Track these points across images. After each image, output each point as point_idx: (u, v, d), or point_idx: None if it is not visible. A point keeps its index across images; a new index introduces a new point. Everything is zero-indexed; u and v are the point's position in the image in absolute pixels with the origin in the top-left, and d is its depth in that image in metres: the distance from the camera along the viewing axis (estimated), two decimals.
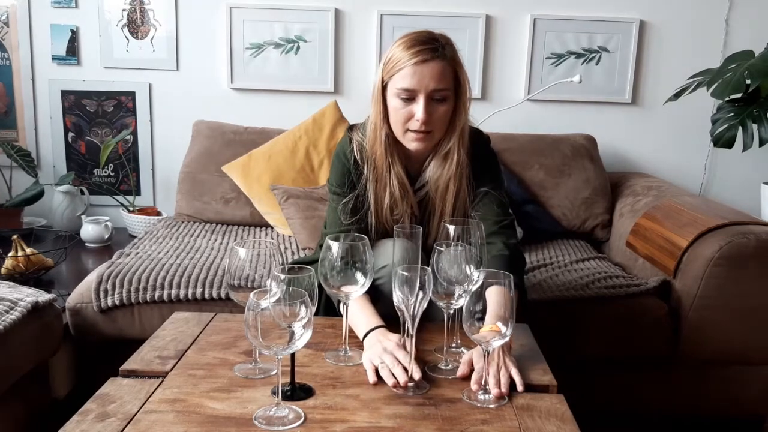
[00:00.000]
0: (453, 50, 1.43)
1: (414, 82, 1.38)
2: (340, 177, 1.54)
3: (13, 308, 1.54)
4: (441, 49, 1.40)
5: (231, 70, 2.70)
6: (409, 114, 1.41)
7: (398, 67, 1.40)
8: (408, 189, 1.51)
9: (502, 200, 1.55)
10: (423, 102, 1.39)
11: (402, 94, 1.40)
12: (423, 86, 1.38)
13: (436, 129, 1.43)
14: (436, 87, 1.38)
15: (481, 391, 1.15)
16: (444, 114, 1.42)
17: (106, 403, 1.10)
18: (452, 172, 1.48)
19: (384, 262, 1.45)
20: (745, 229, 1.82)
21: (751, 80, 2.17)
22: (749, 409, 1.96)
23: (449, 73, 1.40)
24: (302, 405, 1.10)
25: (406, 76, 1.38)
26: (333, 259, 1.21)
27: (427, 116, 1.39)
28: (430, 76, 1.38)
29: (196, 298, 1.81)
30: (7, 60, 2.72)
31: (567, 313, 1.84)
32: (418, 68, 1.38)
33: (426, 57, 1.38)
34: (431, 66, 1.38)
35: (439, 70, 1.38)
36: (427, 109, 1.39)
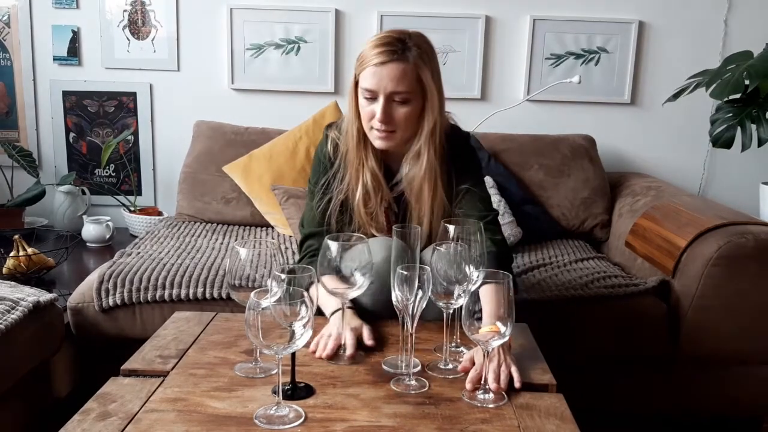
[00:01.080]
0: (420, 52, 1.40)
1: (374, 83, 1.40)
2: (316, 174, 1.58)
3: (14, 308, 1.55)
4: (404, 51, 1.39)
5: (232, 70, 2.71)
6: (372, 112, 1.43)
7: (363, 66, 1.41)
8: (381, 183, 1.52)
9: (484, 196, 1.57)
10: (382, 103, 1.40)
11: (365, 93, 1.42)
12: (382, 87, 1.39)
13: (399, 129, 1.44)
14: (394, 89, 1.39)
15: (481, 391, 1.15)
16: (406, 115, 1.42)
17: (108, 402, 1.10)
18: (423, 172, 1.48)
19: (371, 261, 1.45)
20: (744, 229, 1.83)
21: (750, 81, 2.18)
22: (748, 409, 1.96)
23: (411, 75, 1.39)
24: (303, 404, 1.11)
25: (368, 76, 1.40)
26: (332, 259, 1.22)
27: (385, 117, 1.41)
28: (389, 78, 1.38)
29: (197, 297, 1.81)
30: (8, 60, 2.73)
31: (566, 313, 1.84)
32: (377, 69, 1.39)
33: (385, 59, 1.38)
34: (390, 68, 1.38)
35: (398, 72, 1.38)
36: (385, 109, 1.40)
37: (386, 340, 1.38)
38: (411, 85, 1.40)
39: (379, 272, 1.44)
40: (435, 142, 1.47)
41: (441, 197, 1.51)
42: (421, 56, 1.40)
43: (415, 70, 1.40)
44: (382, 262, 1.44)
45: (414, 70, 1.40)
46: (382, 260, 1.44)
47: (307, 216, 1.60)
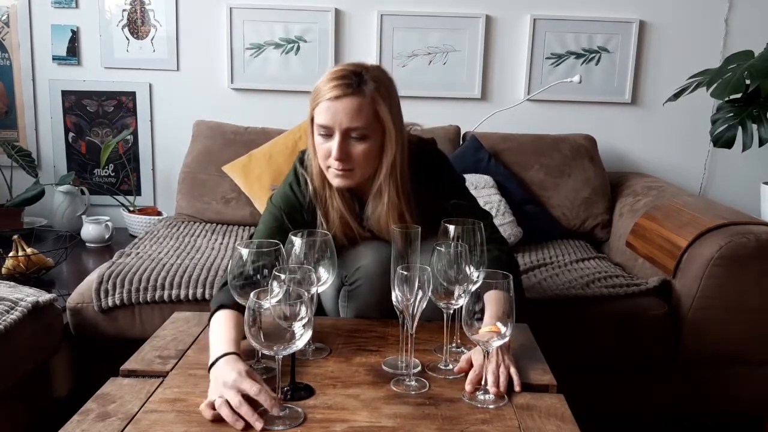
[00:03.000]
0: (377, 86, 1.34)
1: (328, 118, 1.33)
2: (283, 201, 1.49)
3: (13, 308, 1.55)
4: (359, 84, 1.32)
5: (231, 70, 2.70)
6: (327, 150, 1.36)
7: (318, 101, 1.35)
8: (350, 223, 1.47)
9: (471, 206, 1.51)
10: (338, 139, 1.33)
11: (320, 130, 1.36)
12: (337, 123, 1.33)
13: (357, 167, 1.37)
14: (350, 125, 1.32)
15: (481, 391, 1.15)
16: (364, 152, 1.36)
17: (107, 402, 1.10)
18: (386, 210, 1.42)
19: (358, 264, 1.44)
20: (745, 229, 1.82)
21: (751, 80, 2.18)
22: (749, 409, 1.96)
23: (367, 110, 1.33)
24: (302, 405, 1.10)
25: (322, 111, 1.34)
26: (296, 255, 1.21)
27: (341, 154, 1.34)
28: (344, 113, 1.32)
29: (197, 298, 1.81)
30: (7, 60, 2.72)
31: (567, 313, 1.84)
32: (332, 104, 1.32)
33: (340, 93, 1.31)
34: (345, 102, 1.32)
35: (353, 106, 1.32)
36: (341, 146, 1.34)
37: (386, 340, 1.38)
38: (368, 121, 1.33)
39: (368, 274, 1.44)
40: (396, 179, 1.40)
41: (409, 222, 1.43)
42: (378, 90, 1.34)
43: (372, 104, 1.33)
44: (370, 264, 1.44)
45: (371, 104, 1.33)
46: (371, 263, 1.44)
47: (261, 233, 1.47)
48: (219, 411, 1.04)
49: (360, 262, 1.45)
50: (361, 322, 1.47)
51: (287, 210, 1.48)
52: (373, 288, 1.44)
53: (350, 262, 1.46)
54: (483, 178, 2.35)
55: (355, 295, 1.47)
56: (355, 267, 1.45)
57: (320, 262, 1.23)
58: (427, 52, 2.69)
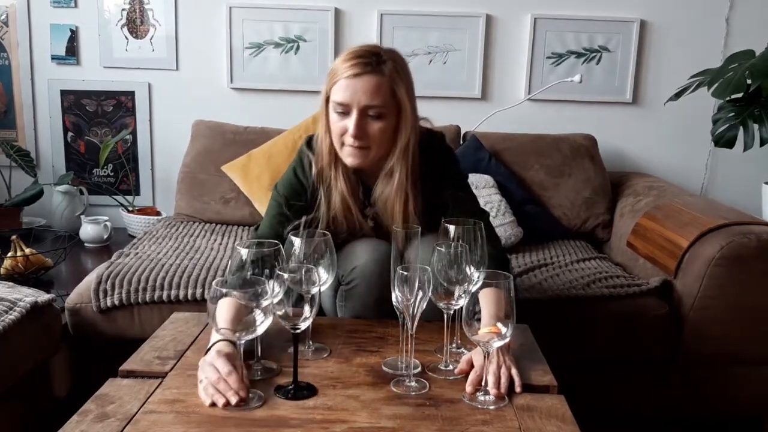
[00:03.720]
0: (395, 67, 1.37)
1: (347, 96, 1.35)
2: (286, 189, 1.53)
3: (12, 308, 1.54)
4: (378, 64, 1.35)
5: (231, 69, 2.70)
6: (344, 128, 1.38)
7: (335, 79, 1.37)
8: (351, 207, 1.48)
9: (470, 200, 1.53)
10: (355, 117, 1.36)
11: (337, 107, 1.38)
12: (355, 101, 1.35)
13: (372, 145, 1.40)
14: (368, 103, 1.35)
15: (482, 392, 1.15)
16: (380, 131, 1.38)
17: (106, 403, 1.09)
18: (394, 191, 1.44)
19: (354, 264, 1.44)
20: (746, 229, 1.82)
21: (752, 80, 2.17)
22: (749, 409, 1.95)
23: (386, 89, 1.36)
24: (302, 405, 1.10)
25: (341, 89, 1.36)
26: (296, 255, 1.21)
27: (358, 131, 1.36)
28: (363, 91, 1.34)
29: (196, 298, 1.80)
30: (6, 60, 2.72)
31: (567, 313, 1.84)
32: (351, 82, 1.35)
33: (359, 71, 1.34)
34: (364, 80, 1.34)
35: (373, 85, 1.34)
36: (359, 124, 1.36)
37: (386, 340, 1.37)
38: (385, 100, 1.36)
39: (364, 273, 1.43)
40: (408, 161, 1.42)
41: (412, 215, 1.45)
42: (396, 70, 1.37)
43: (390, 83, 1.36)
44: (366, 264, 1.43)
45: (389, 83, 1.36)
46: (366, 262, 1.43)
47: (265, 224, 1.54)
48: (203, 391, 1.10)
49: (356, 261, 1.44)
50: (361, 322, 1.47)
51: (289, 195, 1.52)
52: (370, 288, 1.44)
53: (346, 261, 1.46)
54: (483, 178, 2.35)
55: (352, 295, 1.47)
56: (351, 266, 1.45)
57: (320, 263, 1.23)
58: (427, 51, 2.69)
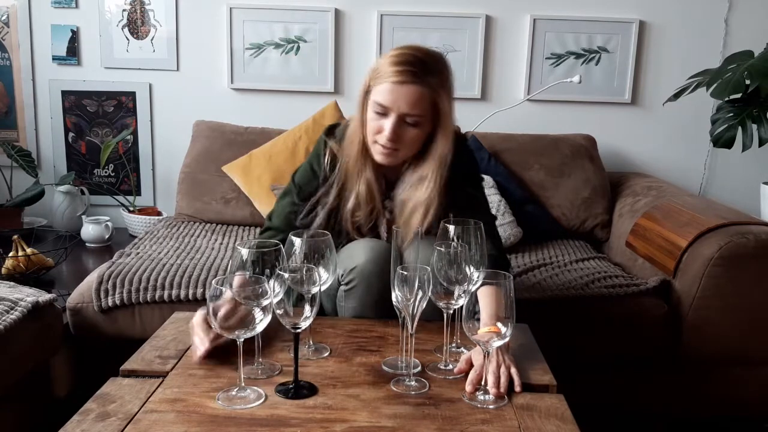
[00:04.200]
0: (441, 79, 1.39)
1: (389, 100, 1.37)
2: (305, 180, 1.57)
3: (13, 308, 1.55)
4: (425, 75, 1.36)
5: (231, 70, 2.70)
6: (379, 128, 1.40)
7: (379, 80, 1.38)
8: (375, 196, 1.50)
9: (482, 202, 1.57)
10: (393, 121, 1.38)
11: (377, 108, 1.39)
12: (396, 107, 1.37)
13: (403, 148, 1.42)
14: (408, 111, 1.37)
15: (481, 391, 1.15)
16: (414, 137, 1.41)
17: (107, 402, 1.10)
18: (419, 201, 1.45)
19: (353, 264, 1.45)
20: (745, 229, 1.82)
21: (751, 80, 2.18)
22: (749, 409, 1.96)
23: (427, 100, 1.37)
24: (302, 404, 1.11)
25: (383, 91, 1.37)
26: (296, 255, 1.22)
27: (393, 135, 1.38)
28: (405, 99, 1.36)
29: (197, 298, 1.81)
30: (7, 60, 2.72)
31: (567, 313, 1.84)
32: (395, 87, 1.36)
33: (405, 79, 1.35)
34: (408, 89, 1.35)
35: (416, 95, 1.36)
36: (395, 129, 1.38)
37: (386, 340, 1.38)
38: (425, 110, 1.38)
39: (363, 273, 1.44)
40: (443, 172, 1.44)
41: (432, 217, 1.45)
42: (441, 82, 1.39)
43: (432, 95, 1.38)
44: (365, 264, 1.44)
45: (431, 95, 1.38)
46: (366, 262, 1.44)
47: (278, 212, 1.58)
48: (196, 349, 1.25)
49: (355, 261, 1.45)
50: (361, 322, 1.47)
51: (303, 184, 1.57)
52: (369, 288, 1.44)
53: (345, 261, 1.46)
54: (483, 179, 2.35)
55: (352, 295, 1.47)
56: (350, 267, 1.45)
57: (320, 262, 1.23)
58: None
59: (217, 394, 1.12)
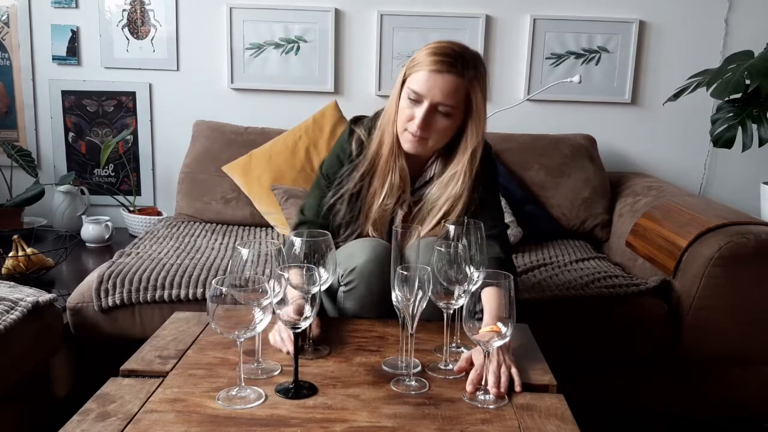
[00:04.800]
0: (477, 73, 1.41)
1: (424, 88, 1.39)
2: (332, 167, 1.59)
3: (13, 308, 1.55)
4: (461, 66, 1.38)
5: (231, 70, 2.70)
6: (411, 115, 1.42)
7: (417, 69, 1.41)
8: (407, 184, 1.53)
9: (497, 207, 1.58)
10: (425, 109, 1.40)
11: (411, 95, 1.41)
12: (430, 95, 1.39)
13: (432, 138, 1.44)
14: (441, 100, 1.39)
15: (481, 391, 1.15)
16: (445, 127, 1.43)
17: (107, 402, 1.10)
18: (452, 194, 1.48)
19: (353, 265, 1.45)
20: (745, 229, 1.82)
21: (751, 80, 2.18)
22: (749, 409, 1.96)
23: (462, 91, 1.40)
24: (302, 404, 1.11)
25: (419, 80, 1.40)
26: (296, 255, 1.22)
27: (424, 123, 1.41)
28: (440, 88, 1.38)
29: (197, 298, 1.81)
30: (7, 60, 2.72)
31: (567, 313, 1.84)
32: (432, 76, 1.38)
33: (442, 68, 1.38)
34: (444, 78, 1.38)
35: (452, 85, 1.38)
36: (426, 117, 1.40)
37: (386, 340, 1.38)
38: (458, 101, 1.40)
39: (363, 274, 1.44)
40: (474, 167, 1.47)
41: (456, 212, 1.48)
42: (477, 77, 1.41)
43: (467, 87, 1.40)
44: (365, 264, 1.44)
45: (466, 87, 1.40)
46: (365, 262, 1.44)
47: (311, 204, 1.60)
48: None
49: (355, 261, 1.45)
50: (361, 322, 1.47)
51: (330, 173, 1.58)
52: (369, 288, 1.44)
53: (345, 261, 1.46)
54: None
55: (352, 296, 1.47)
56: (350, 267, 1.45)
57: (321, 262, 1.23)
58: None
59: (217, 394, 1.12)
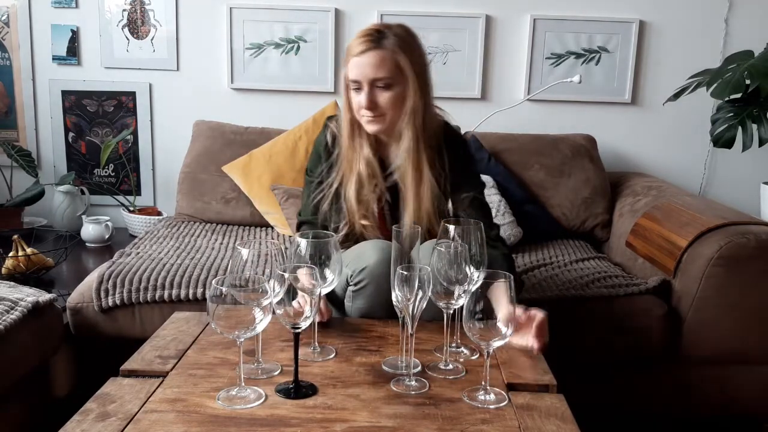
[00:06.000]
0: (398, 40, 1.46)
1: (357, 73, 1.47)
2: (312, 163, 1.65)
3: (13, 308, 1.55)
4: (381, 39, 1.45)
5: (231, 70, 2.70)
6: (359, 101, 1.49)
7: (348, 60, 1.49)
8: (376, 170, 1.56)
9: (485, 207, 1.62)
10: (366, 90, 1.47)
11: (352, 84, 1.49)
12: (364, 76, 1.46)
13: (386, 112, 1.50)
14: (375, 76, 1.46)
15: (482, 391, 1.15)
16: (391, 99, 1.48)
17: (107, 402, 1.10)
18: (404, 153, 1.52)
19: (363, 265, 1.46)
20: (745, 229, 1.82)
21: (751, 80, 2.18)
22: (749, 409, 1.96)
23: (390, 61, 1.45)
24: (302, 404, 1.11)
25: (352, 67, 1.48)
26: (302, 256, 1.22)
27: (369, 103, 1.47)
28: (369, 66, 1.45)
29: (197, 298, 1.81)
30: (7, 60, 2.72)
31: (567, 313, 1.84)
32: (358, 59, 1.46)
33: (364, 48, 1.45)
34: (369, 56, 1.45)
35: (377, 59, 1.45)
36: (369, 96, 1.47)
37: (386, 340, 1.38)
38: (391, 71, 1.46)
39: (373, 274, 1.45)
40: (416, 125, 1.51)
41: (428, 182, 1.53)
42: (398, 43, 1.46)
43: (393, 56, 1.46)
44: (376, 264, 1.45)
45: (392, 56, 1.46)
46: (376, 262, 1.45)
47: (304, 204, 1.67)
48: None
49: (365, 261, 1.46)
50: (361, 321, 1.47)
51: (314, 169, 1.64)
52: (379, 288, 1.45)
53: (355, 261, 1.47)
54: (483, 178, 2.35)
55: (361, 296, 1.48)
56: (360, 267, 1.46)
57: (326, 264, 1.23)
58: (427, 51, 2.67)
59: (217, 394, 1.12)
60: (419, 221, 1.52)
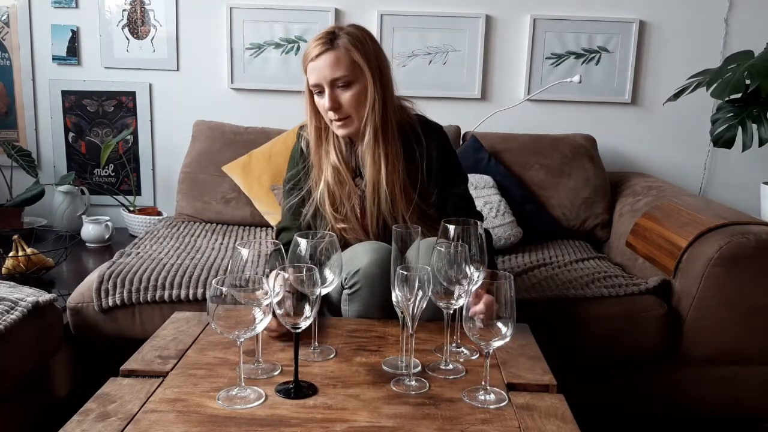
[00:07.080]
0: (350, 38, 1.48)
1: (315, 77, 1.49)
2: (287, 171, 1.67)
3: (13, 308, 1.55)
4: (333, 40, 1.47)
5: (231, 70, 2.70)
6: (323, 104, 1.51)
7: (305, 65, 1.51)
8: (344, 177, 1.57)
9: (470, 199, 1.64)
10: (327, 92, 1.48)
11: (313, 89, 1.51)
12: (323, 78, 1.48)
13: (351, 112, 1.51)
14: (333, 76, 1.47)
15: (482, 391, 1.15)
16: (353, 97, 1.49)
17: (107, 402, 1.10)
18: (365, 146, 1.53)
19: (356, 267, 1.46)
20: (745, 229, 1.82)
21: (751, 80, 2.18)
22: (749, 409, 1.96)
23: (345, 60, 1.47)
24: (302, 404, 1.11)
25: (311, 72, 1.49)
26: (302, 257, 1.22)
27: (332, 104, 1.49)
28: (326, 67, 1.47)
29: (197, 298, 1.81)
30: (7, 60, 2.72)
31: (567, 313, 1.84)
32: (315, 63, 1.48)
33: (319, 51, 1.47)
34: (324, 58, 1.47)
35: (332, 60, 1.47)
36: (331, 97, 1.48)
37: (386, 340, 1.38)
38: (348, 69, 1.47)
39: (367, 275, 1.44)
40: (375, 119, 1.51)
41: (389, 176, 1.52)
42: (351, 41, 1.48)
43: (347, 54, 1.47)
44: (369, 266, 1.44)
45: (347, 54, 1.47)
46: (369, 264, 1.44)
47: (284, 211, 1.68)
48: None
49: (358, 264, 1.45)
50: (361, 322, 1.47)
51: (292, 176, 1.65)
52: (373, 290, 1.45)
53: (348, 263, 1.47)
54: (483, 178, 2.35)
55: (356, 298, 1.47)
56: (353, 269, 1.45)
57: (326, 264, 1.23)
58: (427, 52, 2.69)
59: (217, 394, 1.13)
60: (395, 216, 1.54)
